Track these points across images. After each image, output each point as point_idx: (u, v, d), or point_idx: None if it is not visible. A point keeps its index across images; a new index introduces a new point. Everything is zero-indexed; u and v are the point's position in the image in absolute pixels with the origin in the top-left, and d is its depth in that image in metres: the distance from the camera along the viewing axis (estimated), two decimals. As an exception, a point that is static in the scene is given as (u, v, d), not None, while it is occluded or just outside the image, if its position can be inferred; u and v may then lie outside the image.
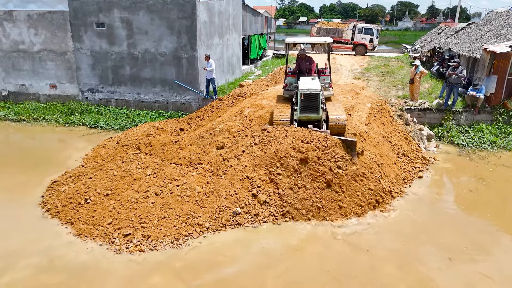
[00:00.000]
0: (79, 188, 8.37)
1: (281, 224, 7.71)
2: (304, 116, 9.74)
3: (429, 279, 6.22)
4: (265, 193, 8.11)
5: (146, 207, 7.56)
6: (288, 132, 9.10)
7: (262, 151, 8.88)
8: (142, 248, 6.77)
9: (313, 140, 8.72)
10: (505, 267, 6.61)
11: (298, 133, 8.98)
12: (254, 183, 8.26)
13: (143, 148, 10.34)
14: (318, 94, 9.66)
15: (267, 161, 8.60)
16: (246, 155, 8.94)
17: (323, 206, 7.97)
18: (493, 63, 13.11)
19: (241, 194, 8.11)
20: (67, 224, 7.51)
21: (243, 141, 9.64)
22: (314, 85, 9.91)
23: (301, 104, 9.74)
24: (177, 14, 14.25)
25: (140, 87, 15.41)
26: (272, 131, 9.32)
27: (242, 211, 7.81)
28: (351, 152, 8.71)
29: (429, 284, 6.11)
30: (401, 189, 9.30)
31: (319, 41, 11.35)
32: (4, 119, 15.06)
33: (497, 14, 19.73)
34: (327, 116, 9.72)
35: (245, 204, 7.97)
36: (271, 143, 8.95)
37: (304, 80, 10.30)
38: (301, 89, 9.80)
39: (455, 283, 6.14)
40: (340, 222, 7.79)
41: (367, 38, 32.25)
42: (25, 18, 15.30)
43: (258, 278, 6.18)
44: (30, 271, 6.20)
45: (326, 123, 9.67)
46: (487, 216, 8.37)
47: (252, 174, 8.44)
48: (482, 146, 12.32)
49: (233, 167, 8.73)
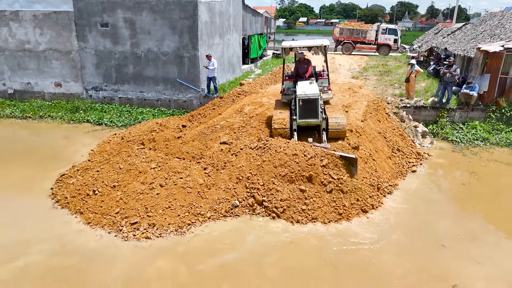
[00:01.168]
0: (87, 180, 8.76)
1: (276, 220, 7.92)
2: (304, 121, 9.71)
3: (424, 264, 6.60)
4: (261, 194, 8.29)
5: (151, 198, 7.95)
6: (288, 147, 8.95)
7: (262, 159, 8.93)
8: (148, 235, 7.17)
9: (316, 156, 8.65)
10: (494, 253, 7.01)
11: (299, 147, 8.89)
12: (251, 184, 8.53)
13: (147, 143, 10.73)
14: (317, 99, 9.59)
15: (267, 169, 8.70)
16: (244, 155, 9.19)
17: (319, 211, 8.02)
18: (486, 62, 13.51)
19: (239, 190, 8.48)
20: (76, 213, 7.91)
21: (244, 140, 9.93)
22: (312, 90, 9.76)
23: (300, 110, 9.66)
24: (179, 14, 14.64)
25: (143, 85, 15.80)
26: (273, 143, 9.22)
27: (240, 204, 8.19)
28: (351, 168, 8.67)
29: (424, 269, 6.48)
30: (395, 182, 9.70)
31: (316, 44, 10.89)
32: (11, 116, 15.45)
33: (492, 14, 20.15)
34: (327, 122, 9.63)
35: (243, 199, 8.33)
36: (271, 154, 8.92)
37: (302, 85, 10.10)
38: (299, 94, 9.68)
39: (448, 268, 6.52)
40: (337, 223, 7.89)
41: (391, 38, 32.25)
42: (31, 18, 15.70)
43: (256, 264, 6.56)
44: (43, 256, 6.61)
45: (326, 129, 9.63)
46: (479, 207, 8.76)
47: (248, 174, 8.72)
48: (475, 143, 12.70)
49: (231, 163, 9.11)
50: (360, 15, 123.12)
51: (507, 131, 13.04)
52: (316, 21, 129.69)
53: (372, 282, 6.18)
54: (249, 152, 9.29)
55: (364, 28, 33.75)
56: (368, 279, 6.25)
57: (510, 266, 6.65)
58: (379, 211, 8.35)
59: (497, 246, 7.29)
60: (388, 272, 6.41)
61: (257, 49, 25.32)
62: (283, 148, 8.90)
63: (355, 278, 6.29)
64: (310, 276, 6.29)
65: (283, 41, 11.50)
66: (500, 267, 6.61)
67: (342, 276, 6.33)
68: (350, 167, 8.68)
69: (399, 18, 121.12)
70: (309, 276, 6.29)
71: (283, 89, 11.23)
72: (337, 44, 34.34)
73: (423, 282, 6.17)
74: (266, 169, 8.67)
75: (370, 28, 33.39)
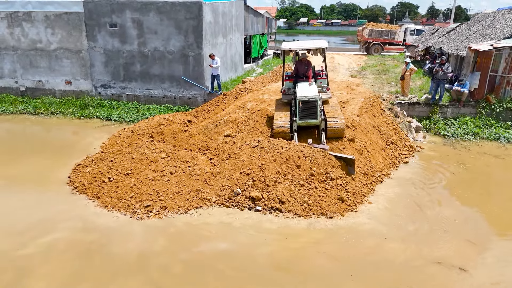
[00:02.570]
0: (102, 169, 9.49)
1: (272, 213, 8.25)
2: (303, 122, 10.12)
3: (428, 249, 7.12)
4: (257, 190, 8.63)
5: (162, 184, 8.67)
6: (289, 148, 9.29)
7: (263, 158, 9.23)
8: (160, 216, 7.89)
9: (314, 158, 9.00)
10: (483, 232, 7.80)
11: (299, 148, 9.27)
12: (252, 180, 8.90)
13: (156, 136, 11.46)
14: (316, 101, 9.96)
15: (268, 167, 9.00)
16: (246, 151, 9.61)
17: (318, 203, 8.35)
18: (477, 60, 14.21)
19: (241, 180, 8.94)
20: (94, 198, 8.64)
21: (247, 137, 10.41)
22: (312, 92, 10.14)
23: (300, 111, 10.04)
24: (185, 15, 15.37)
25: (150, 83, 16.53)
26: (275, 143, 9.54)
27: (241, 193, 8.65)
28: (349, 167, 9.12)
29: (425, 253, 7.00)
30: (388, 172, 10.40)
31: (316, 46, 11.12)
32: (23, 112, 16.20)
33: (485, 15, 20.86)
34: (325, 122, 10.03)
35: (244, 189, 8.73)
36: (272, 155, 9.23)
37: (301, 87, 10.46)
38: (299, 96, 10.05)
39: (448, 250, 7.11)
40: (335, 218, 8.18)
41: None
42: (43, 18, 16.44)
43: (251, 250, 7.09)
44: (68, 232, 7.39)
45: (325, 129, 10.06)
46: (468, 193, 9.47)
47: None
48: (465, 137, 13.39)
49: (236, 154, 9.68)
50: (361, 16, 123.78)
51: (496, 126, 13.75)
52: (316, 21, 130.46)
53: (380, 267, 6.65)
54: (251, 150, 9.54)
55: (393, 30, 34.29)
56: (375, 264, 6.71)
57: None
58: (372, 197, 9.04)
59: (486, 226, 8.04)
60: (391, 258, 6.79)
61: (259, 49, 26.02)
62: (285, 148, 9.24)
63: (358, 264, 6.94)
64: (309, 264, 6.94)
65: (283, 42, 11.90)
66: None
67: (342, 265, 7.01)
68: (348, 167, 9.16)
69: (400, 18, 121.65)
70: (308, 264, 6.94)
71: (284, 89, 11.61)
72: (364, 45, 34.50)
73: (425, 265, 6.64)
74: (268, 167, 8.96)
75: (399, 30, 34.07)
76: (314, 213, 8.13)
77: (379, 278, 6.34)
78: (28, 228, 7.53)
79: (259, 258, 6.82)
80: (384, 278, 6.33)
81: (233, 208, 8.40)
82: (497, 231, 7.92)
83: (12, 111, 16.26)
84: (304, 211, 8.15)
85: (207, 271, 6.42)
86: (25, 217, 7.93)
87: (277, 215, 8.09)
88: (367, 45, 34.15)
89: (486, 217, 8.39)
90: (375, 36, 33.79)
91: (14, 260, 6.63)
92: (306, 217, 8.06)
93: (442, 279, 6.35)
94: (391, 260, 6.80)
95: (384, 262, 6.75)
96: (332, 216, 8.09)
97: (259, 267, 6.59)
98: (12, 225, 7.66)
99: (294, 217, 8.05)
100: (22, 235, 7.29)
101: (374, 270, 6.54)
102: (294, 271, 6.52)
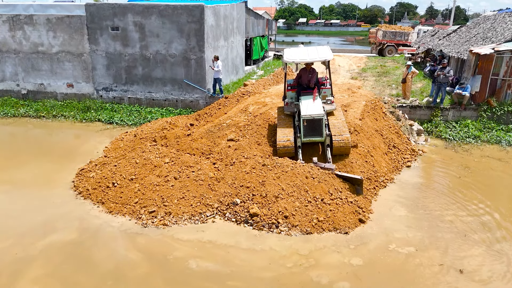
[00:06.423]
0: (105, 174, 9.51)
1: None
2: (308, 139, 9.82)
3: (436, 237, 7.68)
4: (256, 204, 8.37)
5: (167, 189, 8.70)
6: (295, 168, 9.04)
7: (265, 175, 8.97)
8: (165, 222, 7.91)
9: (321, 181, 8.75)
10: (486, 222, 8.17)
11: (306, 169, 9.05)
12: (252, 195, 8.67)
13: (159, 140, 11.47)
14: (322, 119, 9.60)
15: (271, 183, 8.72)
16: (250, 163, 9.43)
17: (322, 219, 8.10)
18: (478, 64, 14.27)
19: (242, 192, 8.72)
20: (98, 203, 8.66)
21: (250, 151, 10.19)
22: (317, 110, 9.70)
23: (304, 129, 9.70)
24: (187, 18, 15.39)
25: (152, 86, 16.55)
26: (279, 162, 9.29)
27: (240, 204, 8.41)
28: (357, 187, 8.88)
29: (434, 240, 7.48)
30: (391, 177, 10.44)
31: (321, 59, 10.42)
32: (25, 115, 16.21)
33: (485, 17, 20.92)
34: (331, 138, 9.73)
35: (242, 201, 8.53)
36: (275, 173, 9.00)
37: (306, 103, 9.97)
38: (304, 114, 9.61)
39: (455, 236, 7.67)
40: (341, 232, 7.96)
41: None
42: (45, 21, 16.44)
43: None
44: (72, 236, 7.50)
45: (330, 145, 9.76)
46: (473, 193, 9.63)
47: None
48: (467, 140, 13.45)
49: (241, 163, 9.53)
50: (360, 16, 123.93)
51: (497, 129, 13.82)
52: (316, 22, 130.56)
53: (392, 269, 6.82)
54: (255, 167, 9.26)
55: (406, 31, 34.51)
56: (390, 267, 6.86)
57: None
58: (375, 202, 9.08)
59: (490, 220, 8.38)
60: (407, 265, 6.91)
61: (259, 51, 26.06)
62: (291, 167, 9.00)
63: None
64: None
65: (285, 50, 11.27)
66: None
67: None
68: (356, 187, 8.87)
69: (399, 18, 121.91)
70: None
71: (286, 102, 11.09)
72: (378, 46, 34.53)
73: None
74: (270, 183, 8.73)
75: (412, 31, 34.35)
76: (325, 229, 7.82)
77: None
78: (29, 231, 7.61)
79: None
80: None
81: (229, 222, 8.14)
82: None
83: (13, 114, 16.27)
84: (314, 228, 7.83)
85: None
86: (27, 221, 7.99)
87: (280, 232, 7.74)
88: (381, 47, 34.21)
89: (500, 222, 8.44)
90: (389, 38, 33.97)
91: (10, 263, 6.74)
92: (319, 232, 7.75)
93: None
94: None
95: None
96: (348, 231, 7.82)
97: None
98: (13, 228, 7.76)
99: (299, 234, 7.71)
100: (23, 238, 7.39)
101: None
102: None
